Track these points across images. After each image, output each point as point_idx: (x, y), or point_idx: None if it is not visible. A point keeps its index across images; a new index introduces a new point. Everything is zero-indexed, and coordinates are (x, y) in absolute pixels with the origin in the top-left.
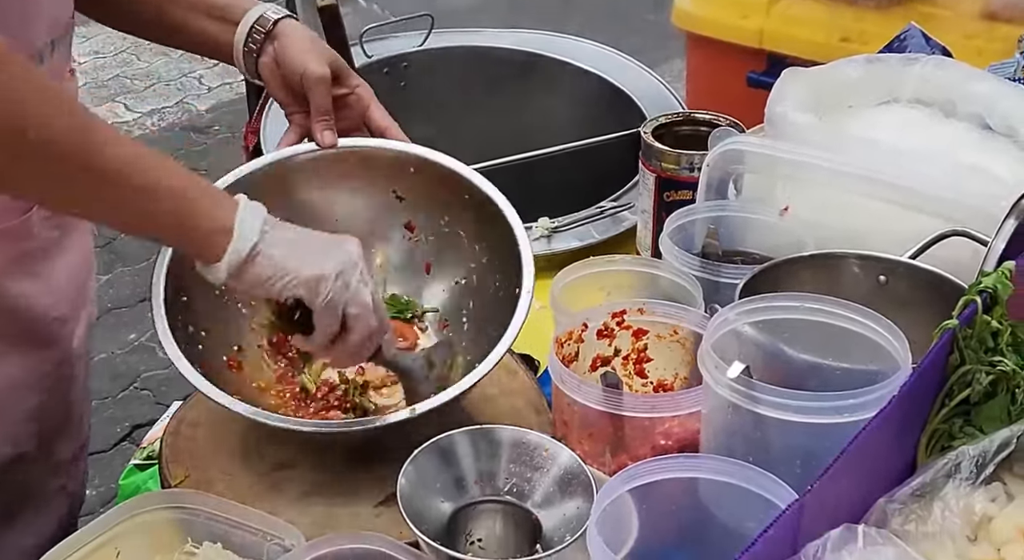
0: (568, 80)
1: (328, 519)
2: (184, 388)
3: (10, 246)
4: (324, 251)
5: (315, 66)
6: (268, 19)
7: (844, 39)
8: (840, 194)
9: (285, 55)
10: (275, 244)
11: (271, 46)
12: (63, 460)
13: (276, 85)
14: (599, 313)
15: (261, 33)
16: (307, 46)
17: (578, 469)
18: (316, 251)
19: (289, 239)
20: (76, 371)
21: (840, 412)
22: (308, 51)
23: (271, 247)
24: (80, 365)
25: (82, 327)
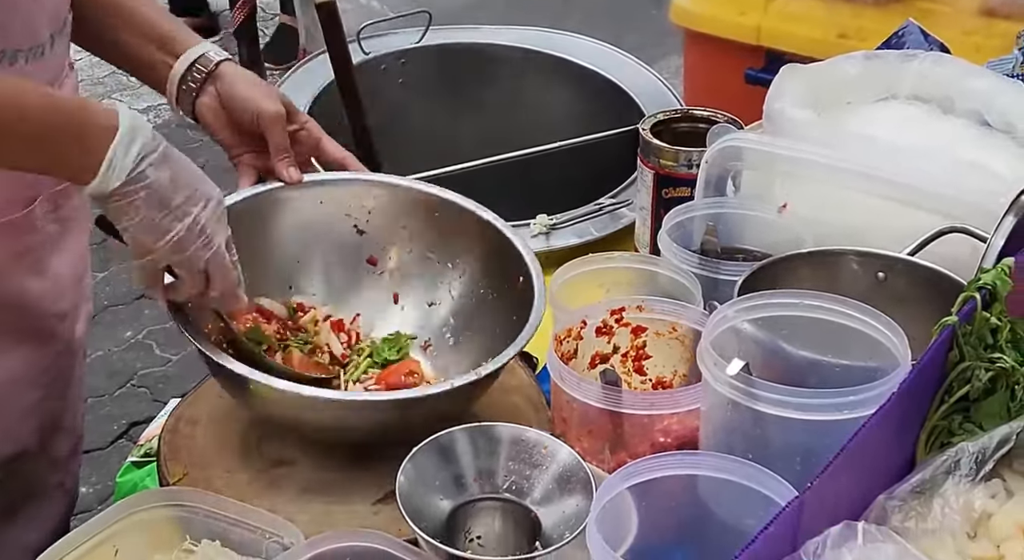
0: (566, 77)
1: (326, 517)
2: (182, 385)
3: (13, 241)
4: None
5: (269, 104)
6: (210, 59)
7: (842, 36)
8: (838, 191)
9: (233, 95)
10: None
11: (212, 87)
12: (61, 456)
13: (220, 126)
14: (598, 310)
15: (202, 73)
16: (254, 86)
17: (577, 466)
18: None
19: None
20: (75, 367)
21: (840, 409)
22: (257, 90)
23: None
24: (78, 361)
25: (81, 322)
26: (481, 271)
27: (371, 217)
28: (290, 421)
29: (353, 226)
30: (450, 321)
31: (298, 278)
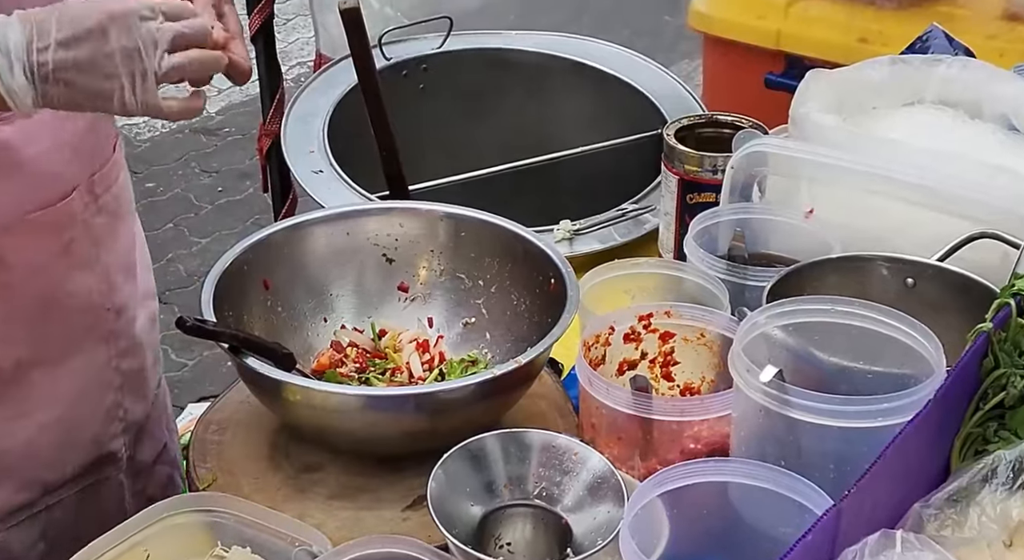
0: (587, 82)
1: (356, 523)
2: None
3: (55, 237)
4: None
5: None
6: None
7: (862, 40)
8: (866, 196)
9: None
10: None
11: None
12: (145, 462)
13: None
14: (626, 316)
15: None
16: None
17: (608, 473)
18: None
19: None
20: (146, 365)
21: (875, 416)
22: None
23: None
24: (148, 361)
25: (143, 318)
26: (511, 282)
27: (399, 244)
28: (322, 424)
29: (382, 255)
30: (487, 336)
31: (332, 309)
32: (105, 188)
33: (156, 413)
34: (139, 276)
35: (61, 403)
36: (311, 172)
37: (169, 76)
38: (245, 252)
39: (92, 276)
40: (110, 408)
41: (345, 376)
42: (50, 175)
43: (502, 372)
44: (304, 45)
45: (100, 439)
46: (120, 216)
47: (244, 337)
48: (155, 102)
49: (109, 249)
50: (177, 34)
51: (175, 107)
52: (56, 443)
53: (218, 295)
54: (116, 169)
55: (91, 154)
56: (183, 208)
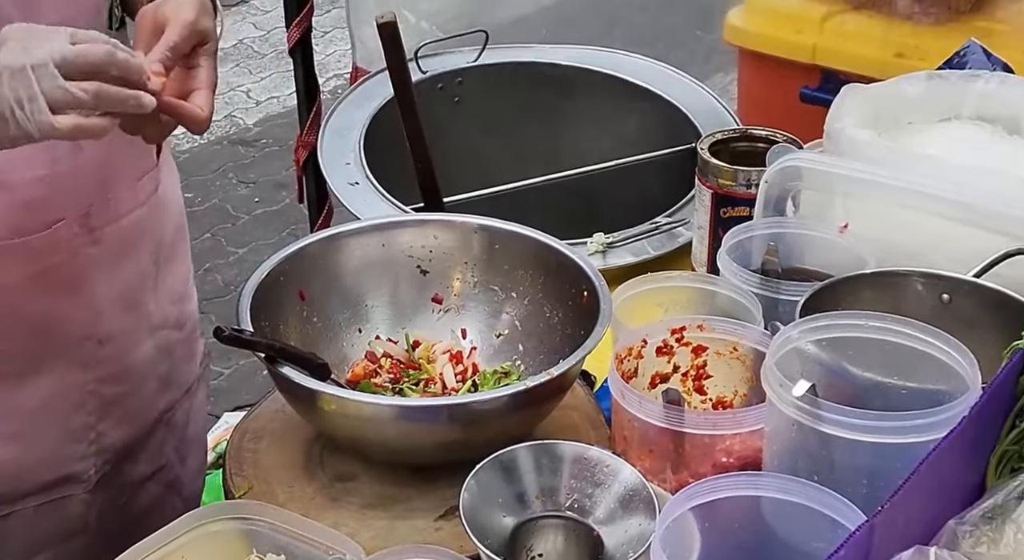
0: (621, 95)
1: (389, 532)
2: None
3: (30, 261)
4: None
5: (189, 12)
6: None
7: (899, 55)
8: (901, 211)
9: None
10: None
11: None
12: (129, 482)
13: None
14: (658, 329)
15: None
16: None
17: (640, 486)
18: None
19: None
20: (140, 393)
21: (909, 432)
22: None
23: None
24: (150, 386)
25: (147, 347)
26: (544, 294)
27: (433, 256)
28: (356, 434)
29: (416, 267)
30: (519, 348)
31: (367, 320)
32: (108, 221)
33: (160, 436)
34: (159, 307)
35: (19, 419)
36: (347, 184)
37: (59, 104)
38: (281, 263)
39: (74, 304)
40: (79, 430)
41: (379, 386)
42: (32, 204)
43: (535, 384)
44: (341, 57)
45: (62, 459)
46: (129, 250)
47: (280, 347)
48: (46, 120)
49: (104, 281)
50: (70, 55)
51: (67, 124)
52: (12, 458)
53: (255, 305)
54: (131, 205)
55: (90, 188)
56: (220, 218)
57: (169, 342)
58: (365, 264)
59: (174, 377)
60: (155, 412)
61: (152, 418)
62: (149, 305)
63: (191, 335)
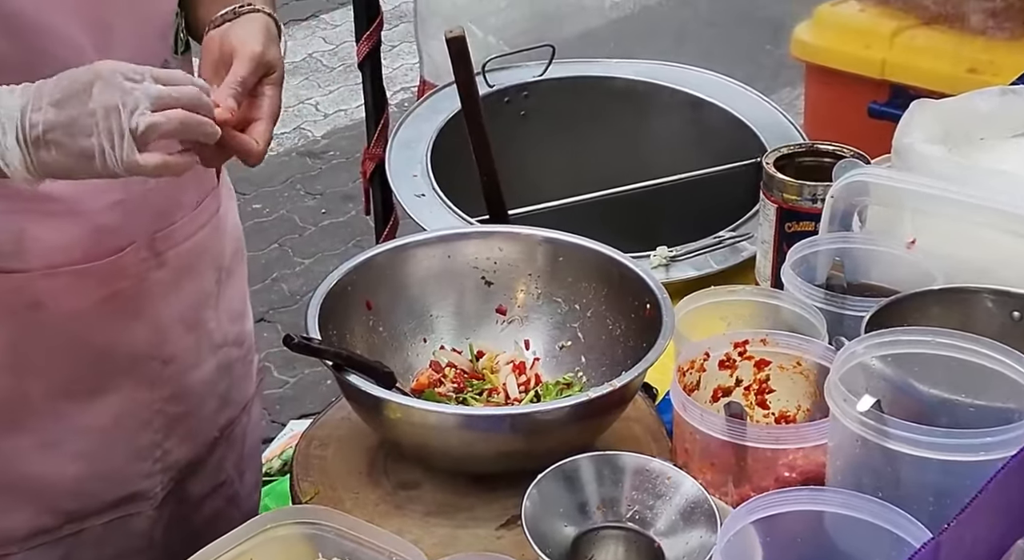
0: (686, 109)
1: (452, 540)
2: (300, 407)
3: (99, 286)
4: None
5: (257, 45)
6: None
7: (971, 70)
8: (971, 227)
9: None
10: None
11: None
12: (194, 497)
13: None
14: (721, 342)
15: (231, 13)
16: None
17: (701, 498)
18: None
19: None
20: (201, 411)
21: (977, 450)
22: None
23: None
24: (211, 404)
25: (209, 366)
26: (607, 307)
27: (497, 267)
28: (420, 442)
29: (481, 278)
30: (582, 360)
31: (432, 330)
32: (172, 245)
33: (220, 452)
34: (219, 326)
35: (90, 438)
36: (414, 195)
37: (147, 135)
38: (349, 273)
39: (139, 326)
40: (145, 448)
41: (443, 395)
42: (104, 230)
43: (596, 395)
44: (408, 71)
45: (130, 477)
46: (191, 271)
47: (347, 355)
48: (133, 159)
49: (168, 303)
50: (161, 95)
51: (152, 162)
52: (82, 476)
53: (323, 314)
54: (194, 228)
55: (158, 213)
56: (288, 229)
57: (229, 360)
58: (431, 275)
59: (233, 394)
60: (216, 429)
61: (213, 435)
62: (210, 324)
63: (248, 352)
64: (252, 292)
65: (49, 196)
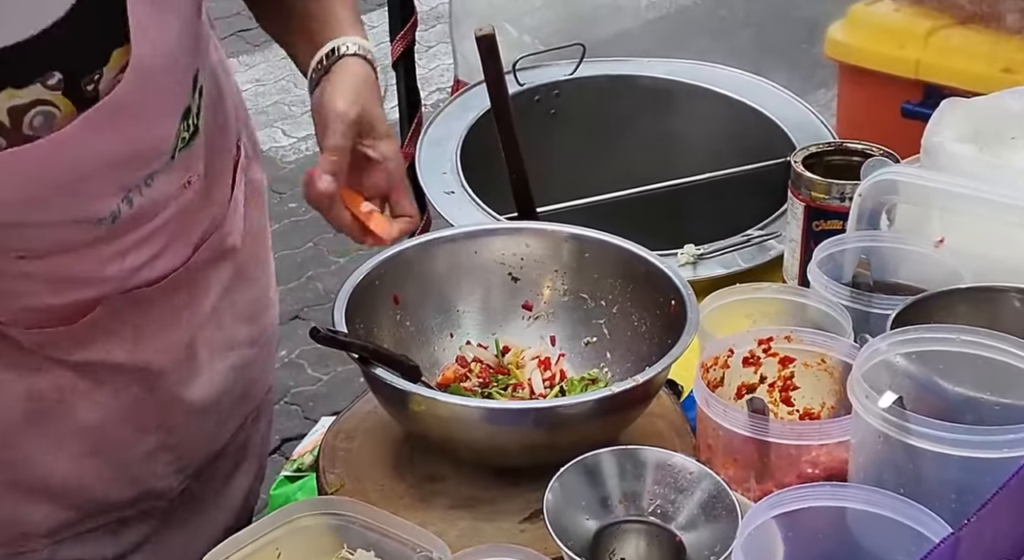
0: (716, 108)
1: (475, 533)
2: (332, 404)
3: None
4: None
5: (340, 102)
6: (336, 54)
7: (1006, 70)
8: (1000, 227)
9: (326, 89)
10: None
11: (325, 80)
12: (214, 479)
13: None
14: (745, 339)
15: (323, 65)
16: (350, 84)
17: (723, 493)
18: None
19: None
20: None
21: (1001, 447)
22: (348, 89)
23: None
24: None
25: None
26: (632, 303)
27: (524, 263)
28: (444, 435)
29: (508, 274)
30: (607, 356)
31: (458, 325)
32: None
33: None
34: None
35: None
36: (443, 193)
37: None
38: (377, 267)
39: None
40: (152, 451)
41: (469, 390)
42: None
43: (620, 390)
44: (444, 72)
45: (142, 476)
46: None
47: (373, 349)
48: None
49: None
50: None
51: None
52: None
53: (350, 308)
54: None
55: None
56: (322, 228)
57: (244, 360)
58: (458, 270)
59: (251, 390)
60: (232, 427)
61: (228, 433)
62: (216, 333)
63: (266, 350)
64: (287, 290)
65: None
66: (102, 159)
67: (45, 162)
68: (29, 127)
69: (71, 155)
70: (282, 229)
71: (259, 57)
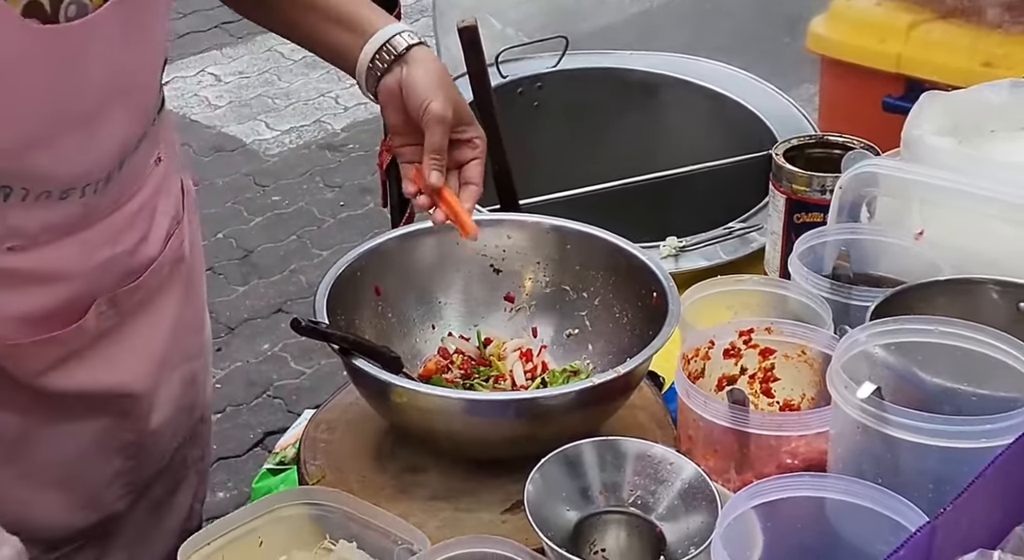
0: (699, 101)
1: (456, 523)
2: (315, 397)
3: (57, 349)
4: None
5: (438, 103)
6: (401, 43)
7: (987, 64)
8: (979, 219)
9: (412, 83)
10: None
11: (400, 69)
12: (159, 502)
13: (393, 108)
14: (726, 331)
15: (392, 54)
16: (436, 80)
17: (703, 483)
18: None
19: None
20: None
21: (977, 437)
22: (437, 87)
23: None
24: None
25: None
26: (614, 295)
27: (506, 255)
28: (425, 427)
29: (490, 266)
30: (589, 348)
31: (440, 316)
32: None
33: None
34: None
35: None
36: None
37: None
38: (358, 259)
39: (101, 370)
40: (117, 473)
41: (450, 382)
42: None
43: (601, 381)
44: None
45: (105, 501)
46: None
47: (354, 340)
48: None
49: (127, 344)
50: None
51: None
52: (60, 505)
53: (332, 299)
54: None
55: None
56: (306, 221)
57: (192, 372)
58: (440, 262)
59: (195, 401)
60: (179, 438)
61: (175, 445)
62: (172, 348)
63: (206, 359)
64: (270, 283)
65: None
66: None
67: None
68: (64, 16)
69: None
70: (265, 222)
71: (242, 49)
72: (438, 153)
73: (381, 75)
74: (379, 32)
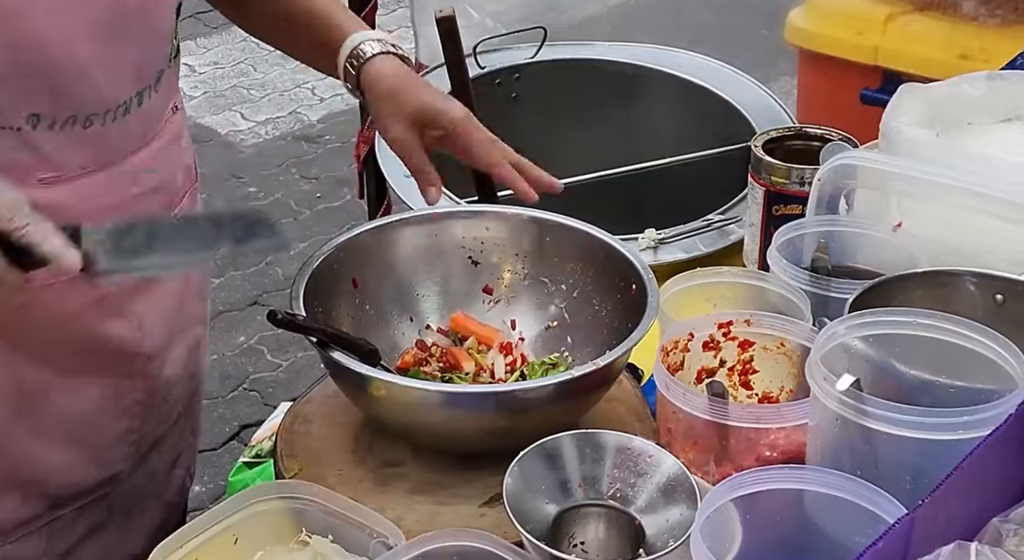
0: (678, 93)
1: (434, 517)
2: (292, 390)
3: (84, 292)
4: None
5: (457, 109)
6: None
7: (963, 57)
8: (956, 211)
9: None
10: None
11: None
12: (157, 470)
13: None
14: (705, 323)
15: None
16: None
17: (682, 476)
18: None
19: None
20: (172, 395)
21: (955, 429)
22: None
23: None
24: (178, 389)
25: (179, 349)
26: (593, 287)
27: (484, 247)
28: (404, 420)
29: (468, 258)
30: (568, 340)
31: (418, 310)
32: None
33: (180, 424)
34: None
35: (77, 424)
36: (403, 176)
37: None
38: (336, 250)
39: (124, 323)
40: (124, 432)
41: (429, 375)
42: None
43: (580, 374)
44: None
45: (111, 460)
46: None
47: (332, 332)
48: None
49: (148, 300)
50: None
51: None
52: (69, 461)
53: (309, 291)
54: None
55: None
56: (283, 213)
57: (196, 338)
58: (417, 254)
59: (197, 369)
60: (181, 405)
61: (178, 411)
62: (184, 311)
63: (206, 327)
64: (246, 275)
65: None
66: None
67: None
68: None
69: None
70: None
71: (217, 39)
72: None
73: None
74: (343, 44)
